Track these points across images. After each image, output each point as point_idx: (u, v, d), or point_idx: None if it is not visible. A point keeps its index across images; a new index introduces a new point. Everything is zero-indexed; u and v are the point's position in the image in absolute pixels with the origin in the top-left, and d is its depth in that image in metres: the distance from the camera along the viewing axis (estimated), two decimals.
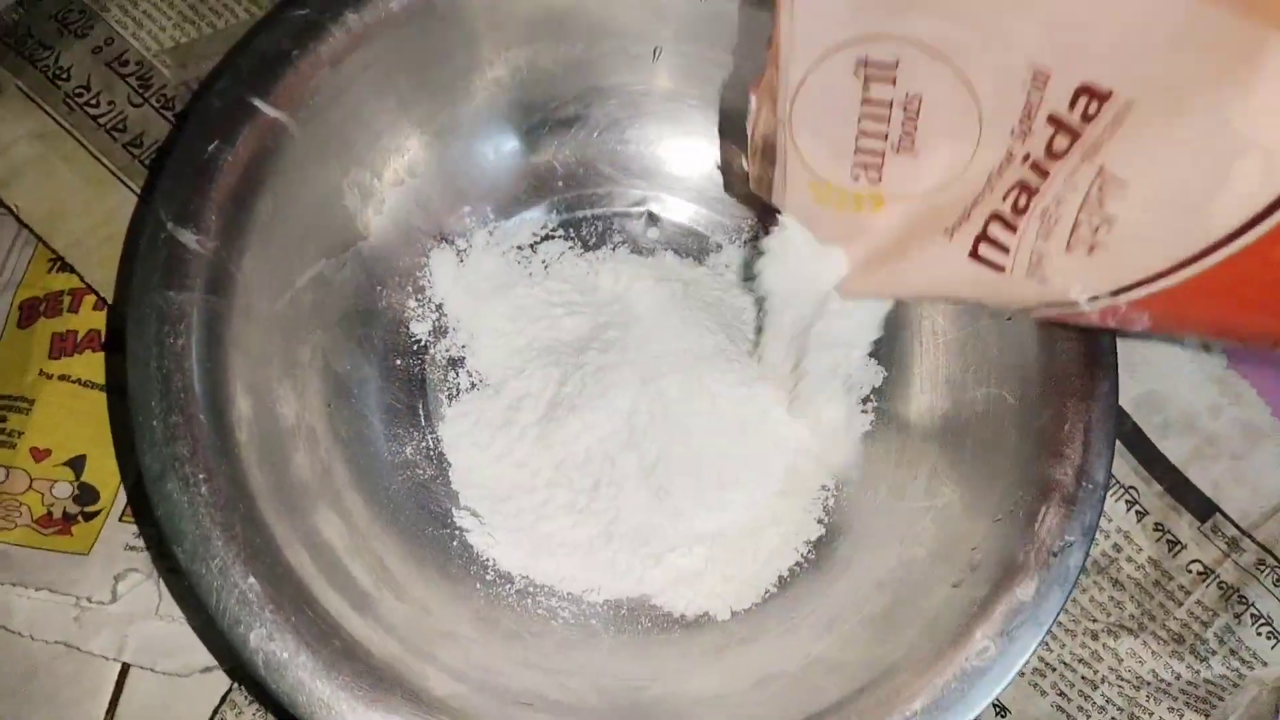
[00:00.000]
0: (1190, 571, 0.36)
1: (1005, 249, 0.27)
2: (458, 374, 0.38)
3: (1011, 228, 0.26)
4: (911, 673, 0.29)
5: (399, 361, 0.37)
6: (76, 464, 0.36)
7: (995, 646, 0.29)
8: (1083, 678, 0.34)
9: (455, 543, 0.35)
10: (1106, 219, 0.24)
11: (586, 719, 0.30)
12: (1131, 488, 0.36)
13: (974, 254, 0.27)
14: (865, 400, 0.37)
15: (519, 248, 0.39)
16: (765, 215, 0.38)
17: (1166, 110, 0.23)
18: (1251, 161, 0.22)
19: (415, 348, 0.38)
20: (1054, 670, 0.35)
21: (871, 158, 0.28)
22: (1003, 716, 0.35)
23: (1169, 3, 0.22)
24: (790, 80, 0.27)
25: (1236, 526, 0.37)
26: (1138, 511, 0.36)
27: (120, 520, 0.35)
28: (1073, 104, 0.24)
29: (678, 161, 0.40)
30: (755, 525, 0.36)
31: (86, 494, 0.35)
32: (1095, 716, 0.34)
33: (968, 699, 0.28)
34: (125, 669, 0.35)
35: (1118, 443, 0.35)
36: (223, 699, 0.34)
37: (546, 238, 0.40)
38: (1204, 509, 0.37)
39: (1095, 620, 0.35)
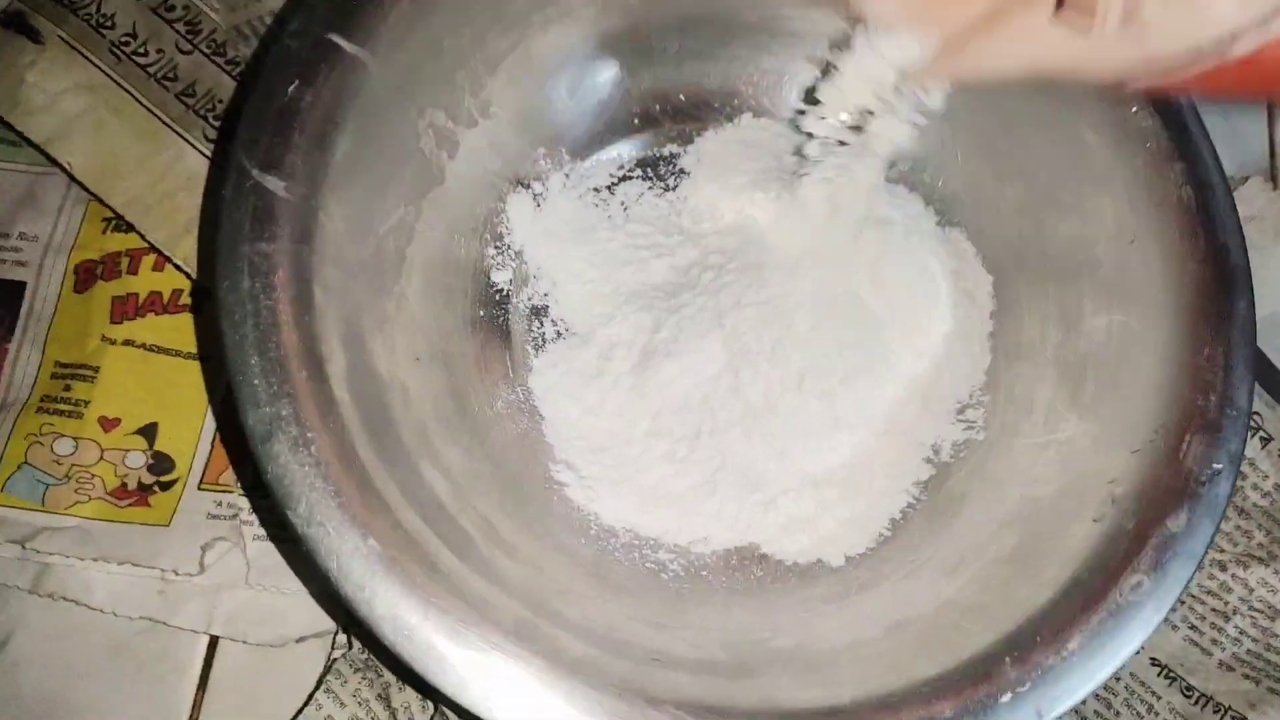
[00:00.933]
0: None
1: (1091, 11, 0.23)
2: (542, 323, 0.36)
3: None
4: (1063, 611, 0.28)
5: (482, 312, 0.35)
6: (148, 432, 0.34)
7: (1149, 580, 0.28)
8: (1214, 609, 0.33)
9: (555, 498, 0.34)
10: None
11: (719, 673, 0.29)
12: (1255, 413, 0.35)
13: (1059, 5, 0.24)
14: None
15: (596, 190, 0.38)
16: None
17: None
18: None
19: (497, 297, 0.36)
20: (1183, 604, 0.34)
21: None
22: (1135, 652, 0.34)
23: None
24: None
25: None
26: (1262, 438, 0.35)
27: (199, 488, 0.34)
28: None
29: (765, 86, 0.38)
30: (864, 466, 0.34)
31: (161, 463, 0.34)
32: (1229, 648, 0.33)
33: (1124, 634, 0.27)
34: (214, 641, 0.33)
35: None
36: (326, 668, 0.32)
37: (624, 178, 0.38)
38: None
39: (1223, 550, 0.34)
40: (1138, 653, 0.33)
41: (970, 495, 0.34)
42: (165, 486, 0.33)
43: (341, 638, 0.33)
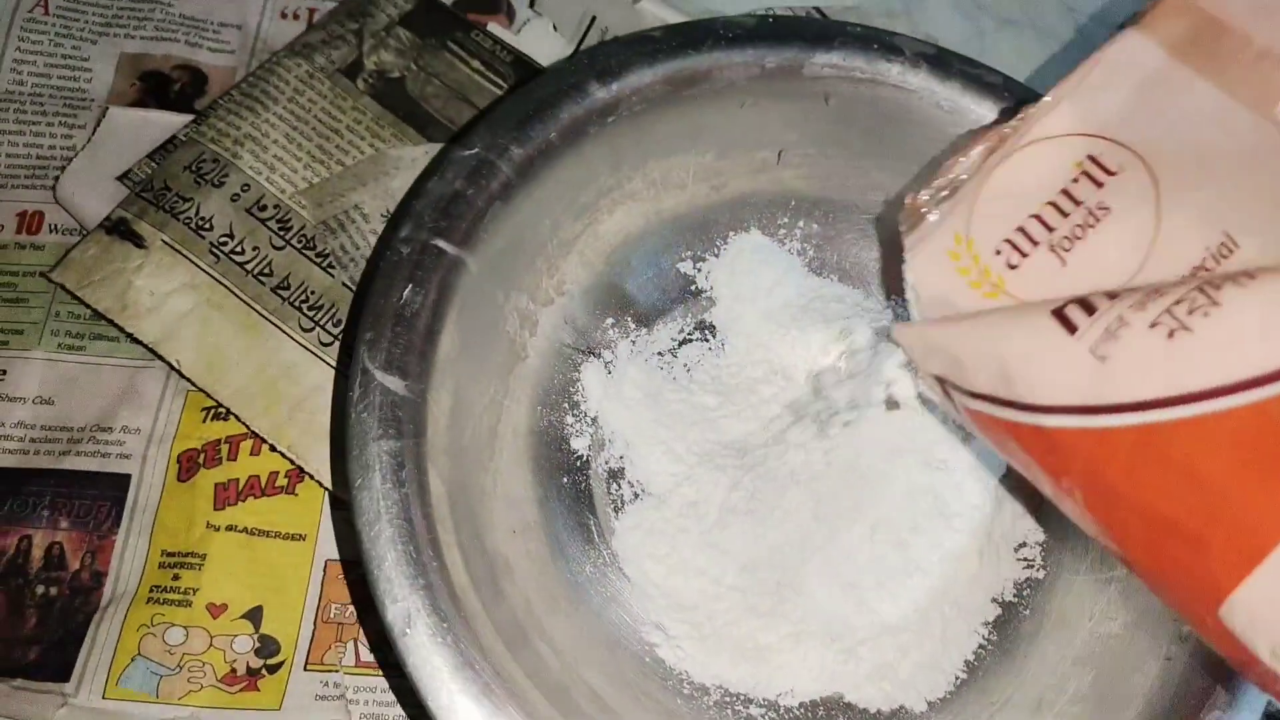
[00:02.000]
0: None
1: (1091, 310, 0.25)
2: (619, 485, 0.38)
3: (1111, 296, 0.25)
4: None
5: (565, 479, 0.37)
6: (254, 615, 0.35)
7: (1225, 716, 0.30)
8: None
9: (648, 659, 0.35)
10: (1212, 302, 0.22)
11: None
12: None
13: (1059, 310, 0.26)
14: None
15: (660, 354, 0.40)
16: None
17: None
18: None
19: (578, 464, 0.38)
20: None
21: (1025, 243, 0.29)
22: None
23: None
24: (1031, 132, 0.29)
25: None
26: None
27: (305, 669, 0.35)
28: (1237, 274, 0.23)
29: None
30: (935, 610, 0.36)
31: (267, 645, 0.35)
32: None
33: None
34: None
35: None
36: None
37: (685, 341, 0.41)
38: None
39: None
40: None
41: (1039, 634, 0.36)
42: (273, 670, 0.34)
43: None
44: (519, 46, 0.45)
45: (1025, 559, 0.37)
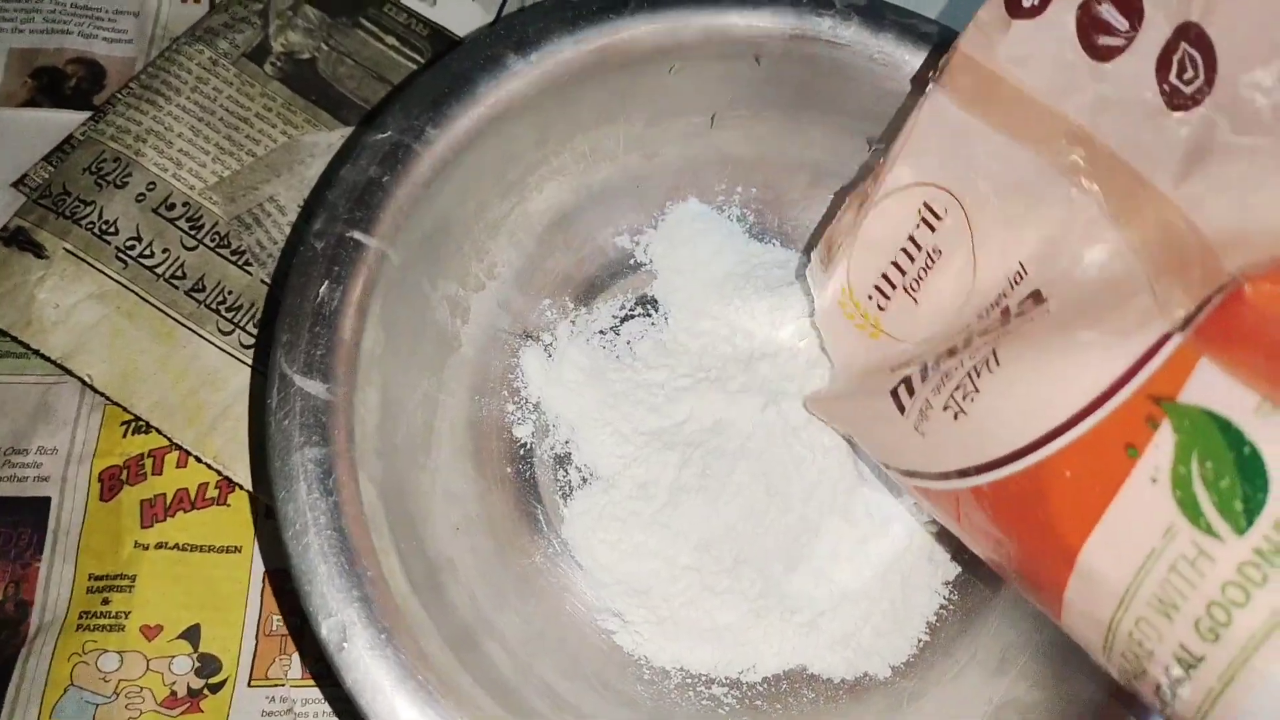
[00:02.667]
0: None
1: (911, 392, 0.30)
2: (566, 471, 0.37)
3: (924, 377, 0.30)
4: (1116, 704, 0.29)
5: (509, 469, 0.36)
6: (191, 634, 0.34)
7: None
8: None
9: (605, 646, 0.34)
10: (975, 389, 0.26)
11: None
12: None
13: (894, 390, 0.31)
14: None
15: (601, 332, 0.39)
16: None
17: (1062, 323, 0.24)
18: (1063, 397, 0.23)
19: (522, 452, 0.37)
20: None
21: (887, 287, 0.33)
22: None
23: (1100, 237, 0.24)
24: (882, 188, 0.32)
25: None
26: None
27: (249, 685, 0.33)
28: (1022, 302, 0.26)
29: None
30: (894, 574, 0.36)
31: (208, 664, 0.33)
32: None
33: None
34: None
35: None
36: None
37: (626, 317, 0.39)
38: None
39: None
40: None
41: (1000, 591, 0.35)
42: (215, 689, 0.33)
43: None
44: (435, 19, 0.43)
45: None
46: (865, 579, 0.35)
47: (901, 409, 0.30)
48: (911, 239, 0.31)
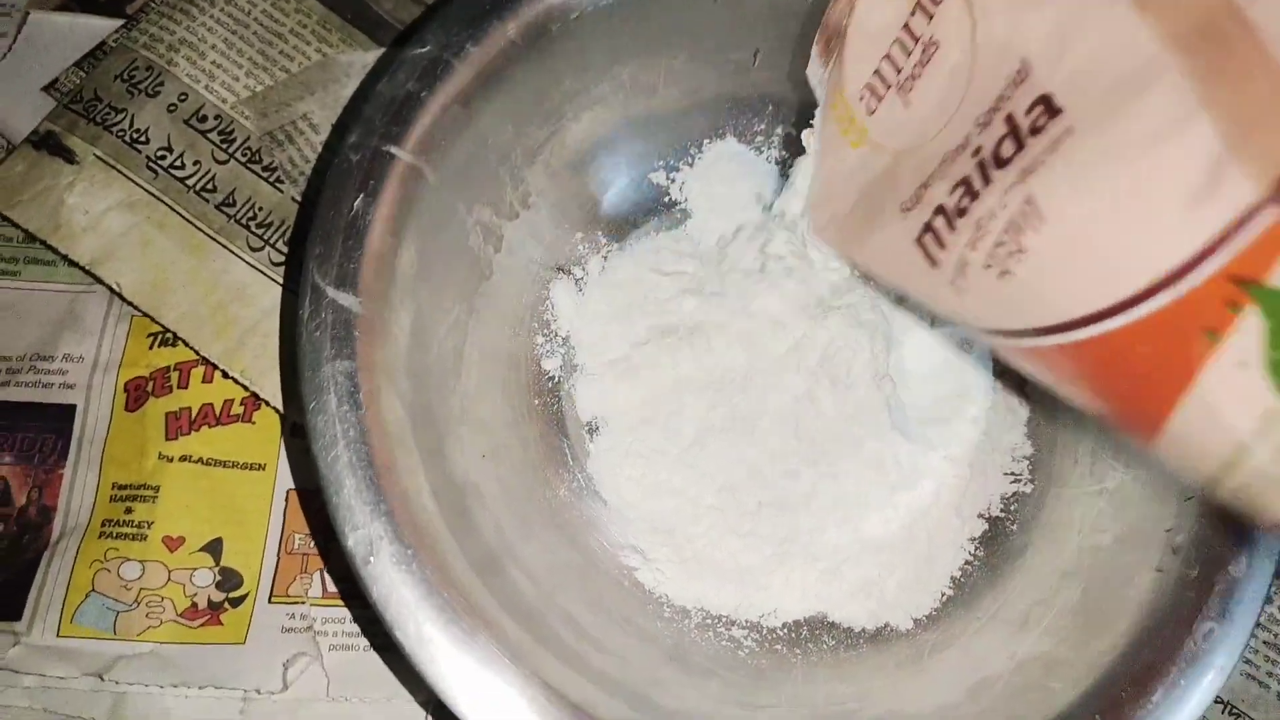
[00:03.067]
0: None
1: (942, 245, 0.26)
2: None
3: (951, 226, 0.26)
4: (1141, 663, 0.29)
5: (536, 401, 0.36)
6: (214, 548, 0.34)
7: (1219, 627, 0.29)
8: (1265, 642, 0.35)
9: (627, 582, 0.34)
10: (1020, 248, 0.23)
11: None
12: None
13: (919, 239, 0.27)
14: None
15: (635, 269, 0.38)
16: None
17: (1098, 152, 0.21)
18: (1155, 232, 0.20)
19: (550, 385, 0.36)
20: None
21: (880, 85, 0.29)
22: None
23: (1134, 42, 0.21)
24: None
25: None
26: None
27: (270, 602, 0.33)
28: (1029, 110, 0.23)
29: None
30: (920, 527, 0.35)
31: (229, 578, 0.33)
32: None
33: (1202, 681, 0.28)
34: None
35: None
36: None
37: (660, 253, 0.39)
38: None
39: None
40: None
41: (1028, 548, 0.35)
42: (235, 603, 0.33)
43: None
44: None
45: (1013, 473, 0.36)
46: (891, 530, 0.35)
47: (933, 262, 0.26)
48: (907, 28, 0.28)
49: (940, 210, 0.26)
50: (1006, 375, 0.37)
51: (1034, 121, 0.23)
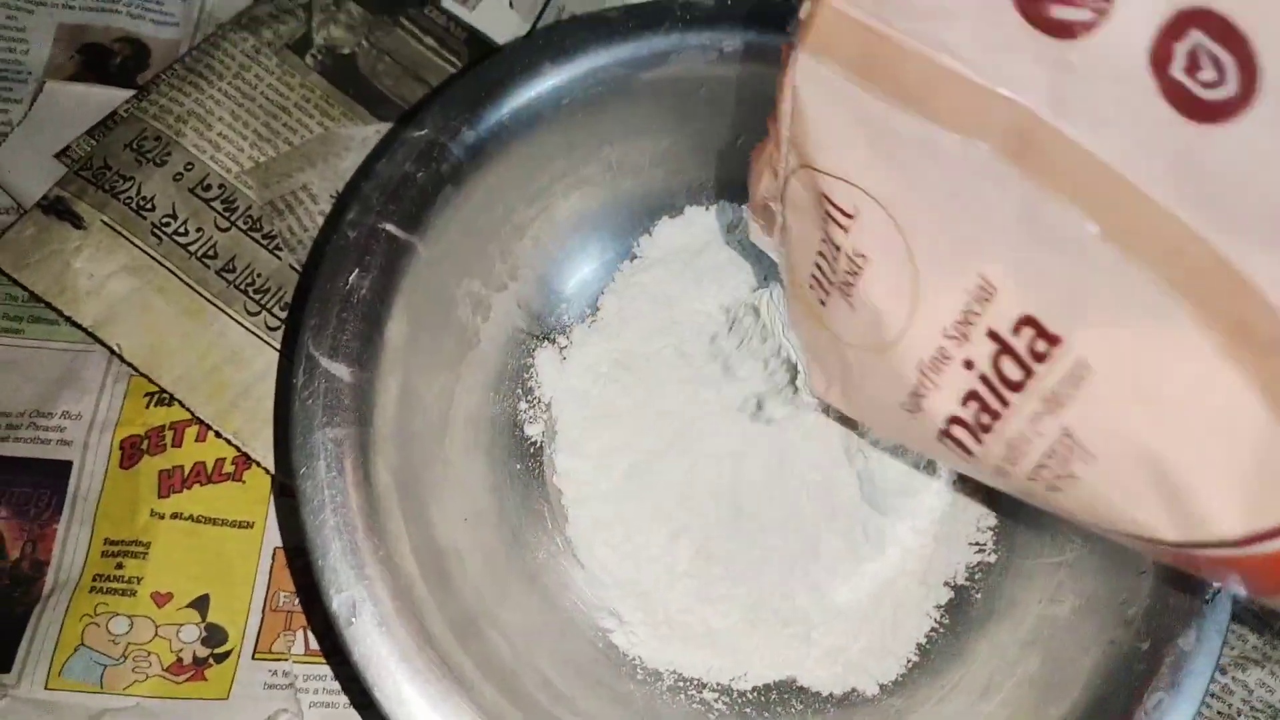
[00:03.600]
0: None
1: (969, 452, 0.25)
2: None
3: (977, 439, 0.25)
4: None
5: (518, 465, 0.37)
6: (200, 604, 0.34)
7: (1168, 697, 0.30)
8: (1220, 712, 0.36)
9: (601, 645, 0.35)
10: (1070, 474, 0.23)
11: None
12: None
13: (940, 438, 0.26)
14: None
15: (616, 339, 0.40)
16: None
17: (1129, 391, 0.21)
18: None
19: (531, 450, 0.38)
20: None
21: (821, 279, 0.27)
22: None
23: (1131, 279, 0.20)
24: (787, 166, 0.26)
25: None
26: None
27: (254, 658, 0.34)
28: (1016, 330, 0.22)
29: None
30: (888, 595, 0.37)
31: (215, 634, 0.34)
32: None
33: None
34: None
35: None
36: None
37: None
38: None
39: (1222, 655, 0.36)
40: None
41: (990, 617, 0.36)
42: (220, 659, 0.34)
43: None
44: (474, 24, 0.44)
45: (978, 543, 0.38)
46: (859, 597, 0.36)
47: (965, 456, 0.25)
48: (825, 233, 0.25)
49: (958, 422, 0.25)
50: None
51: (1031, 346, 0.22)
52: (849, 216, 0.24)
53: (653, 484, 0.37)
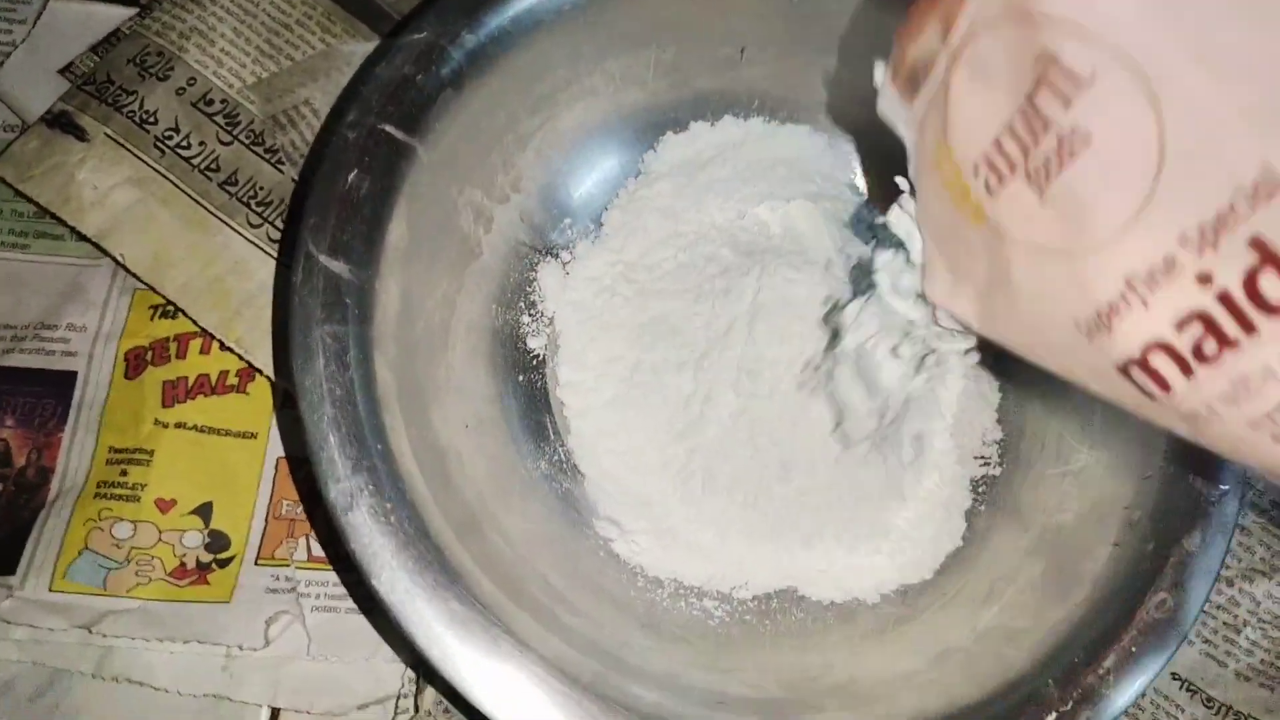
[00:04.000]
0: None
1: (1168, 388, 0.20)
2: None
3: (1186, 370, 0.19)
4: (1095, 632, 0.30)
5: (521, 377, 0.37)
6: (203, 511, 0.35)
7: (1172, 598, 0.30)
8: (1225, 623, 0.35)
9: (603, 553, 0.35)
10: None
11: (782, 711, 0.30)
12: None
13: (1123, 370, 0.20)
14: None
15: (619, 252, 0.40)
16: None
17: None
18: None
19: (534, 362, 0.37)
20: (1198, 619, 0.36)
21: (1001, 162, 0.21)
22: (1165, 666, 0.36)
23: None
24: (978, 14, 0.21)
25: None
26: None
27: (256, 564, 0.34)
28: None
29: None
30: (890, 506, 0.36)
31: (217, 541, 0.34)
32: (1244, 659, 0.35)
33: (1155, 650, 0.29)
34: (276, 714, 0.34)
35: None
36: None
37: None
38: None
39: (1229, 567, 0.36)
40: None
41: (993, 529, 0.36)
42: (223, 564, 0.34)
43: (405, 701, 0.34)
44: None
45: (983, 457, 0.38)
46: (855, 509, 0.36)
47: (1164, 387, 0.20)
48: (1031, 102, 0.20)
49: (1165, 349, 0.19)
50: (981, 360, 0.38)
51: None
52: (1078, 84, 0.19)
53: (658, 394, 0.37)
